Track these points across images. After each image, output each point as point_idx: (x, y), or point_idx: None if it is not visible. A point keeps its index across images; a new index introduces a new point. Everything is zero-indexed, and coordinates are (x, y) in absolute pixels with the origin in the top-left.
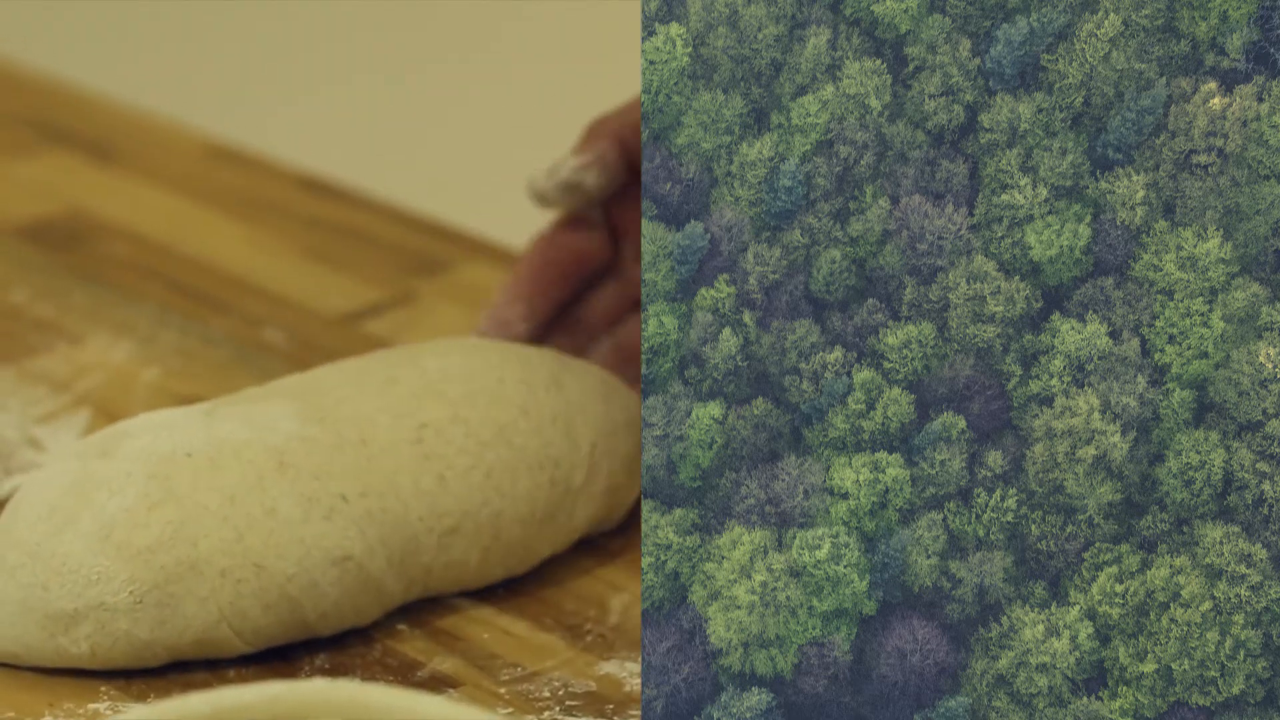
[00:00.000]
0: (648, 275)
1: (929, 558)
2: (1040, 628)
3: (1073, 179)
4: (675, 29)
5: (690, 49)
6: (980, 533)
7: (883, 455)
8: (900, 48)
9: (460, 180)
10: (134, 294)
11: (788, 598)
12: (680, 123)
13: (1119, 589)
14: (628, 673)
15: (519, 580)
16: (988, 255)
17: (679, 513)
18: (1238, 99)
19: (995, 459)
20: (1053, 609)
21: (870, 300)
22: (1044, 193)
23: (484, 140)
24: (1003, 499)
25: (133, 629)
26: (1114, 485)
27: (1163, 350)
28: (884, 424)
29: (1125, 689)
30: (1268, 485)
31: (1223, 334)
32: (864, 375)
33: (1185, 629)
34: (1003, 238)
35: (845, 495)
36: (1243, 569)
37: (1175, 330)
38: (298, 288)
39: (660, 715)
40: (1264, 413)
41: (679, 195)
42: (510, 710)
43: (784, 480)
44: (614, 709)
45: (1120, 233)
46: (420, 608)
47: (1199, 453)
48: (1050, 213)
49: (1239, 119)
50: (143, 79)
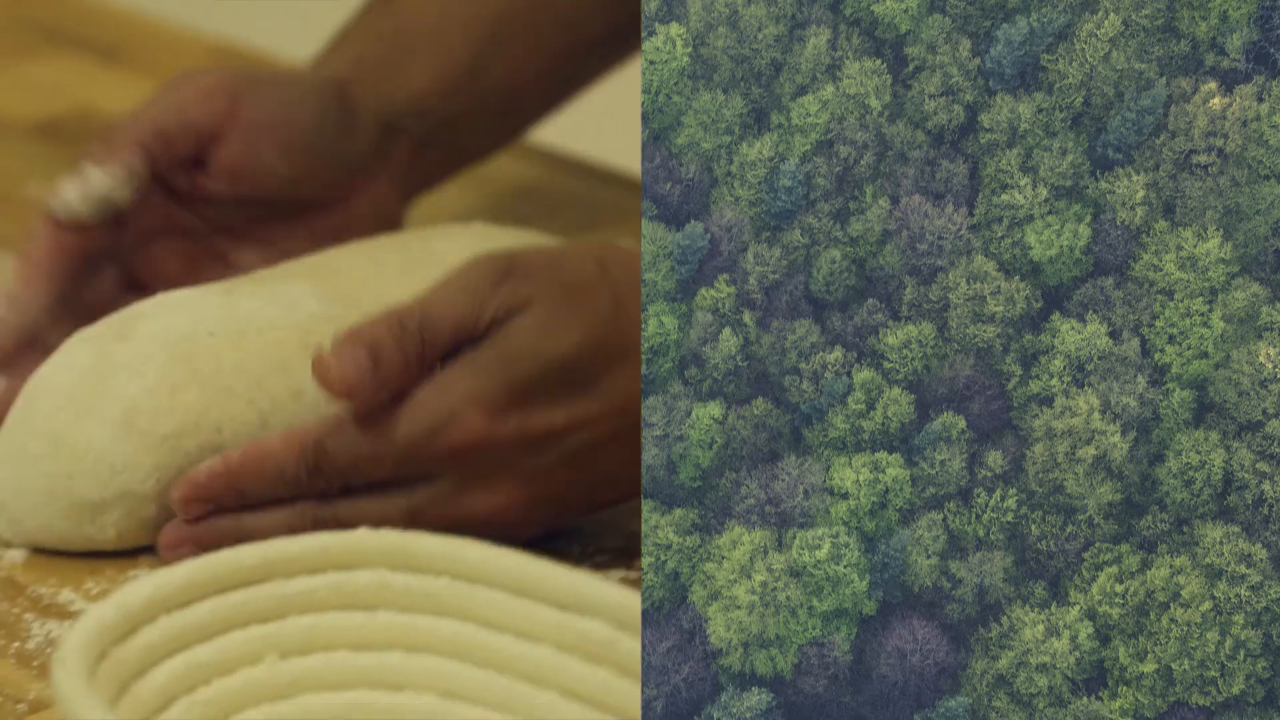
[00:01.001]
0: (648, 275)
1: (929, 558)
2: (1040, 628)
3: (1073, 179)
4: (675, 29)
5: (690, 49)
6: (980, 533)
7: (883, 455)
8: (900, 48)
9: (533, 133)
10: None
11: (788, 598)
12: (680, 123)
13: (1119, 589)
14: None
15: None
16: (988, 255)
17: (679, 513)
18: (1238, 99)
19: (995, 459)
20: (1053, 609)
21: (870, 300)
22: (1044, 193)
23: None
24: (1003, 499)
25: (160, 515)
26: (1114, 485)
27: (1163, 350)
28: (884, 424)
29: (1125, 689)
30: (1268, 485)
31: (1223, 334)
32: (864, 375)
33: (1185, 629)
34: (1003, 238)
35: (845, 495)
36: (1243, 569)
37: (1175, 330)
38: None
39: (660, 715)
40: (1264, 413)
41: (679, 195)
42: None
43: (784, 480)
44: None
45: (1120, 233)
46: None
47: (1199, 453)
48: (1050, 213)
49: (1239, 119)
50: None
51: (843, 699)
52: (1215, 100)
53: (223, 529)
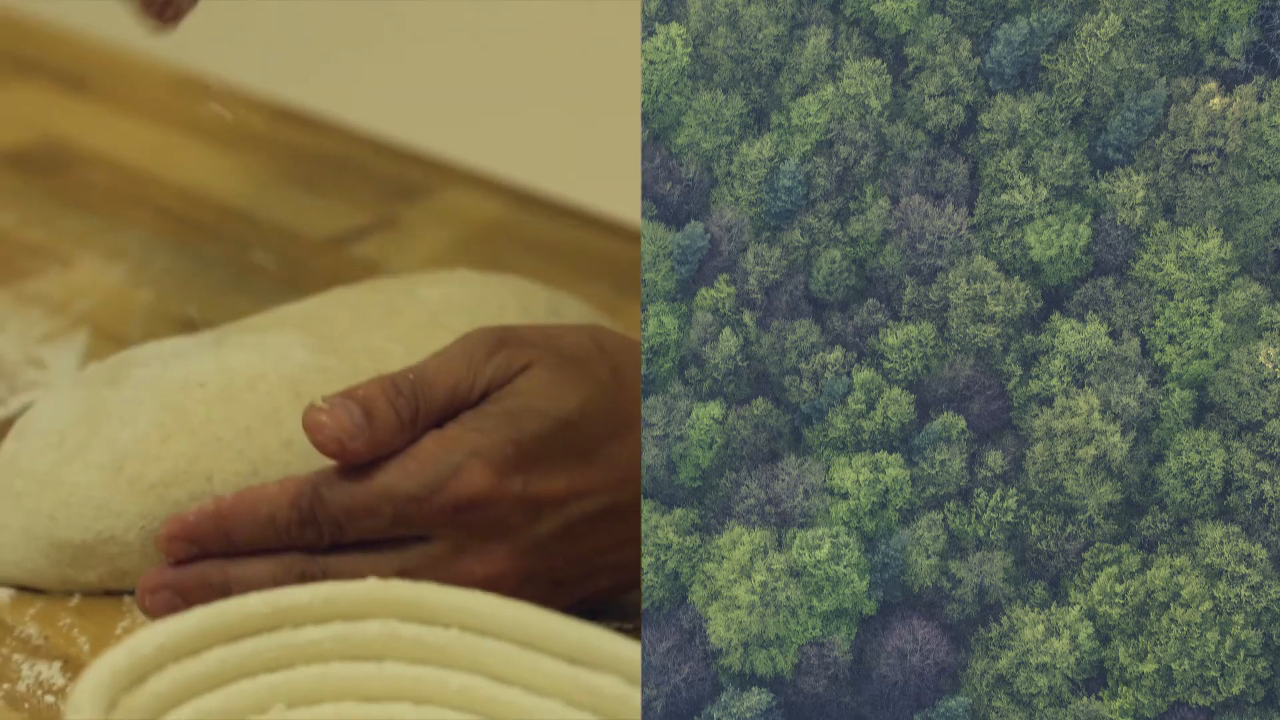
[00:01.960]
0: (648, 275)
1: (929, 558)
2: (1040, 628)
3: (1073, 179)
4: (675, 29)
5: (690, 49)
6: (980, 533)
7: (883, 455)
8: (900, 48)
9: (438, 107)
10: (122, 220)
11: (788, 598)
12: (680, 123)
13: (1119, 589)
14: None
15: None
16: (988, 255)
17: (679, 513)
18: (1238, 99)
19: (995, 459)
20: (1053, 609)
21: (870, 300)
22: (1044, 193)
23: (463, 67)
24: (1003, 499)
25: (142, 563)
26: (1114, 485)
27: (1163, 350)
28: (884, 424)
29: (1125, 689)
30: (1268, 485)
31: (1223, 334)
32: (864, 375)
33: (1185, 629)
34: (1003, 238)
35: (845, 495)
36: (1243, 569)
37: (1175, 330)
38: (283, 213)
39: (660, 715)
40: (1264, 413)
41: (679, 195)
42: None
43: (784, 480)
44: None
45: (1120, 233)
46: None
47: (1199, 453)
48: (1050, 213)
49: (1239, 119)
50: (111, 11)
51: (843, 699)
52: (1215, 100)
53: (205, 575)
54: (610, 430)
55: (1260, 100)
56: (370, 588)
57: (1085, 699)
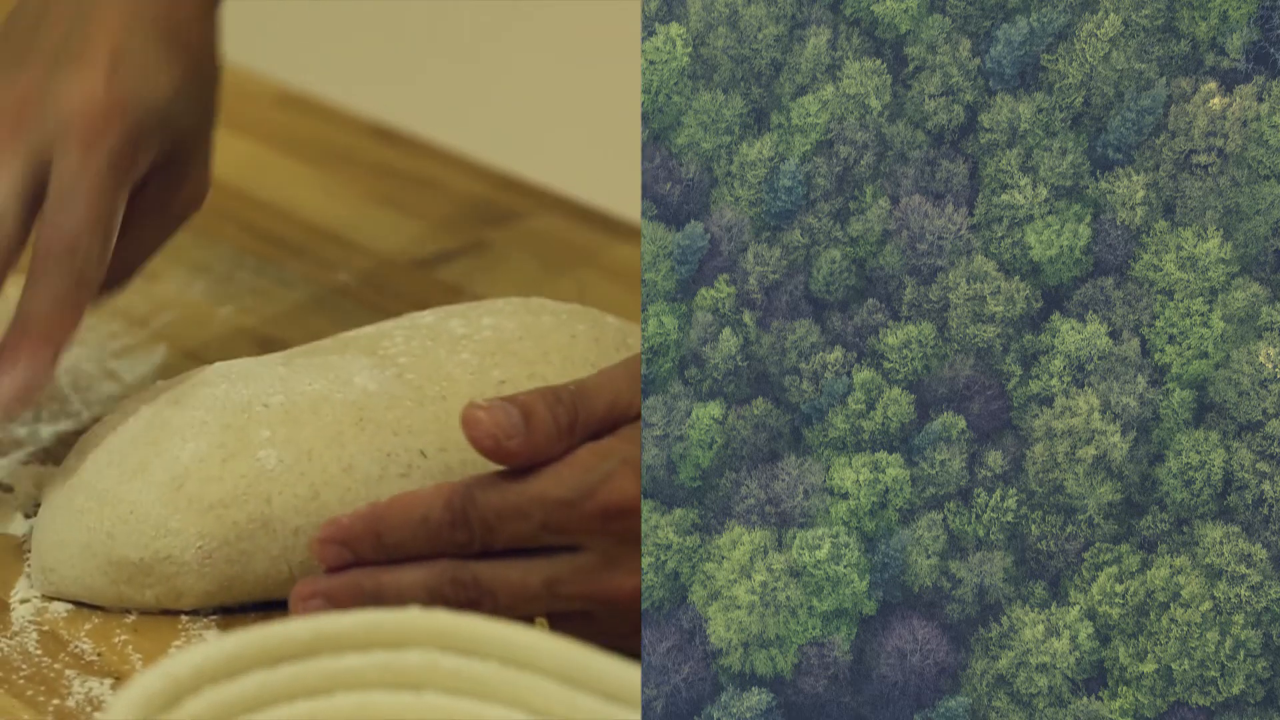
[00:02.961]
0: (648, 275)
1: (929, 558)
2: (1040, 628)
3: (1073, 179)
4: (675, 29)
5: (690, 49)
6: (980, 533)
7: (883, 455)
8: (900, 48)
9: (533, 132)
10: (209, 235)
11: (788, 598)
12: (680, 123)
13: (1119, 589)
14: None
15: None
16: (988, 255)
17: (679, 513)
18: (1238, 99)
19: (995, 459)
20: (1053, 609)
21: (870, 300)
22: (1044, 193)
23: (543, 85)
24: (1003, 499)
25: (198, 584)
26: (1114, 485)
27: (1163, 350)
28: (884, 424)
29: (1125, 689)
30: (1268, 485)
31: (1223, 334)
32: (864, 375)
33: (1185, 629)
34: (1003, 238)
35: (845, 495)
36: (1243, 569)
37: (1175, 330)
38: (371, 233)
39: (660, 715)
40: (1264, 413)
41: (679, 195)
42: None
43: (784, 480)
44: None
45: (1120, 233)
46: None
47: (1199, 453)
48: (1050, 213)
49: (1239, 119)
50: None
51: (843, 699)
52: (1215, 100)
53: (358, 582)
54: None
55: (1260, 100)
56: (413, 617)
57: (1085, 699)
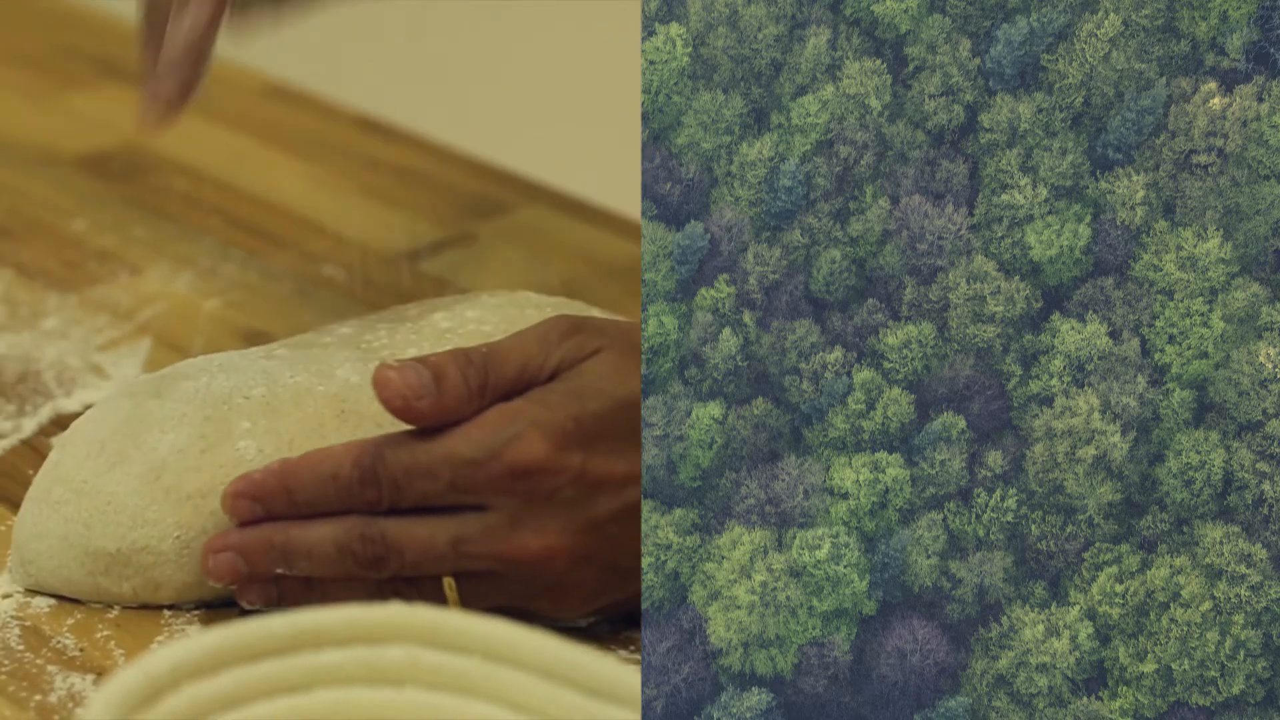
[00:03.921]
0: (648, 275)
1: (929, 558)
2: (1040, 628)
3: (1073, 179)
4: (675, 29)
5: (690, 49)
6: (980, 533)
7: (883, 455)
8: (900, 48)
9: (519, 124)
10: (194, 228)
11: (788, 598)
12: (680, 123)
13: (1119, 589)
14: None
15: None
16: (988, 255)
17: (679, 513)
18: (1238, 99)
19: (995, 459)
20: (1053, 609)
21: (870, 300)
22: (1044, 193)
23: (543, 85)
24: (1003, 499)
25: (176, 575)
26: (1114, 485)
27: (1163, 350)
28: (884, 424)
29: (1125, 689)
30: (1268, 485)
31: (1223, 334)
32: (864, 375)
33: (1185, 629)
34: (1003, 238)
35: (845, 495)
36: (1243, 569)
37: (1175, 330)
38: (357, 226)
39: (660, 715)
40: (1264, 413)
41: (679, 195)
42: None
43: (784, 480)
44: None
45: (1120, 233)
46: None
47: (1199, 453)
48: (1050, 213)
49: (1239, 119)
50: None
51: (843, 699)
52: (1215, 100)
53: (268, 536)
54: None
55: (1260, 100)
56: (394, 612)
57: (1085, 699)
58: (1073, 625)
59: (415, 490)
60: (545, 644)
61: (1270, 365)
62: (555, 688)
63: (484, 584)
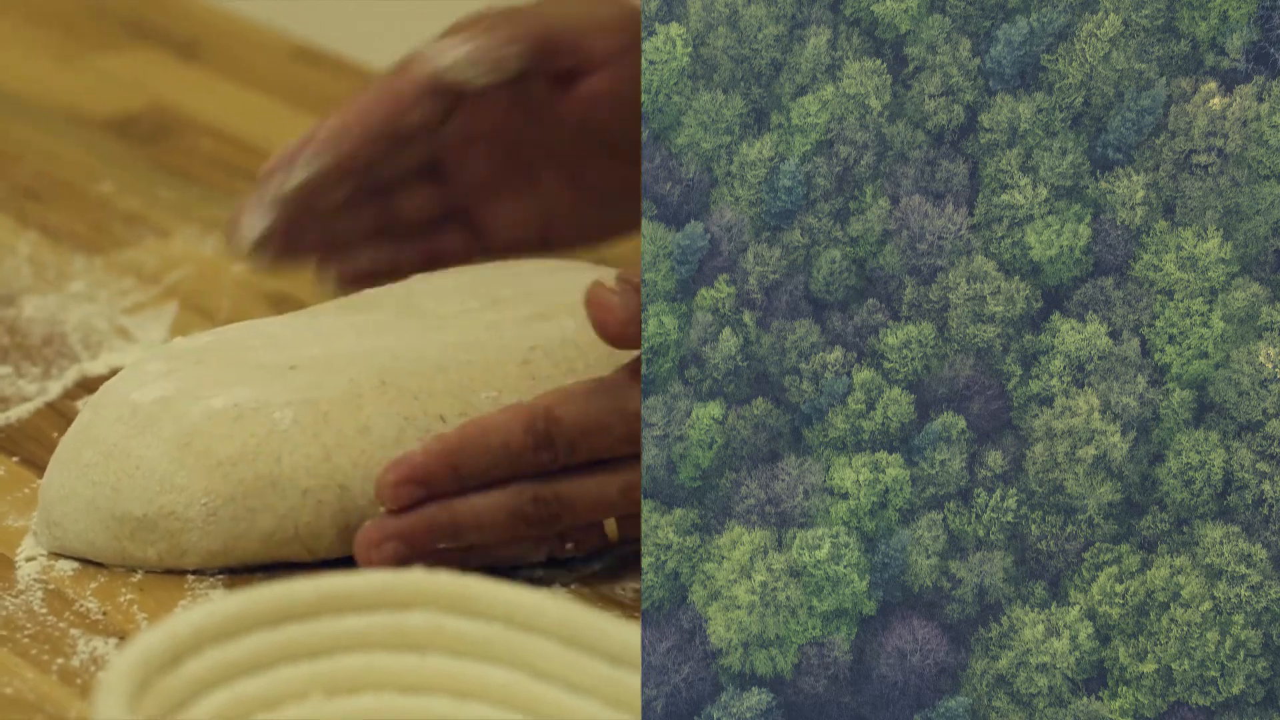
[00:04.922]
0: (648, 275)
1: (929, 558)
2: (1040, 628)
3: (1073, 179)
4: (675, 29)
5: (690, 49)
6: (980, 533)
7: (883, 455)
8: (900, 48)
9: None
10: (222, 191)
11: (788, 598)
12: (680, 123)
13: (1119, 589)
14: None
15: None
16: (988, 255)
17: (679, 513)
18: (1238, 99)
19: (995, 459)
20: (1053, 609)
21: (870, 300)
22: (1044, 193)
23: None
24: (1003, 499)
25: (202, 541)
26: (1114, 485)
27: (1163, 350)
28: (884, 424)
29: (1125, 689)
30: (1268, 485)
31: (1223, 334)
32: (864, 375)
33: (1185, 629)
34: (1003, 238)
35: (845, 495)
36: (1243, 569)
37: (1175, 330)
38: None
39: (660, 715)
40: (1264, 413)
41: (679, 195)
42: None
43: (784, 480)
44: None
45: (1120, 233)
46: None
47: (1199, 453)
48: (1050, 213)
49: (1239, 119)
50: None
51: (843, 699)
52: (1215, 100)
53: (433, 518)
54: None
55: (1260, 100)
56: (417, 578)
57: (1085, 699)
58: (1073, 625)
59: (590, 446)
60: (569, 611)
61: (1270, 365)
62: (578, 654)
63: (637, 522)
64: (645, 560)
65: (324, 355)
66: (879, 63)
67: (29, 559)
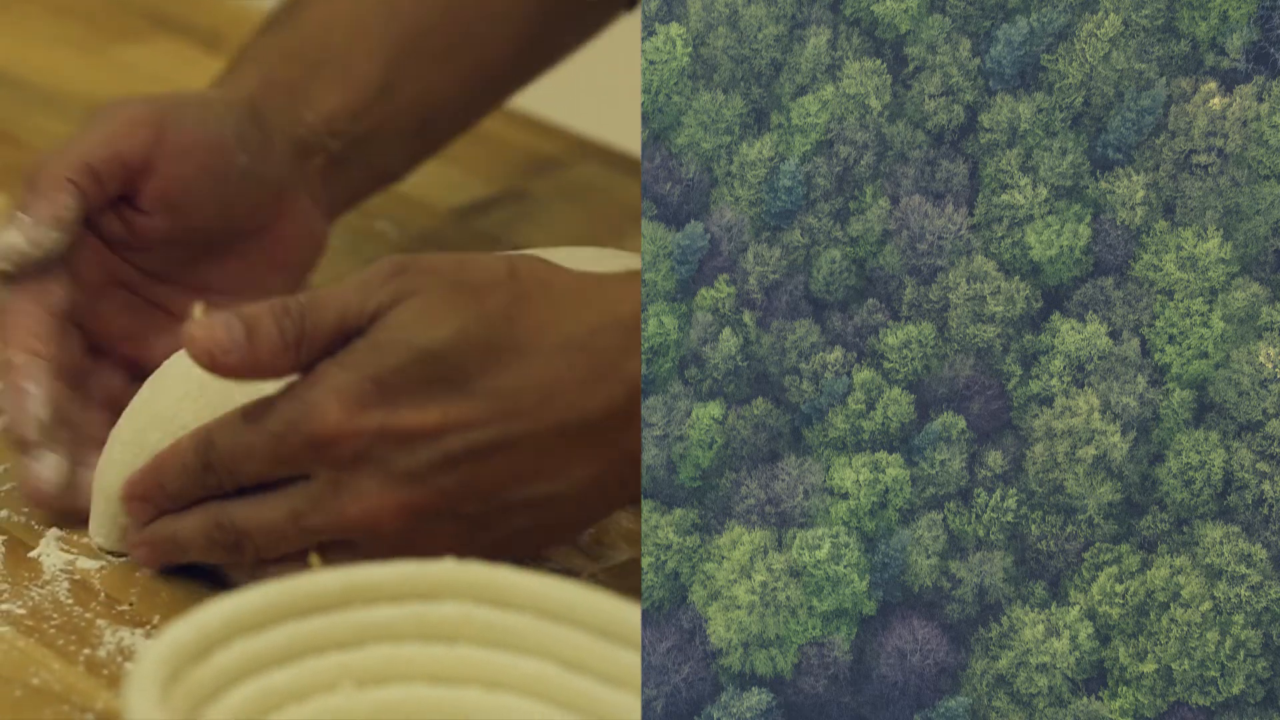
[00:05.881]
0: (648, 275)
1: (929, 558)
2: (1040, 628)
3: (1073, 179)
4: (675, 29)
5: (690, 49)
6: (980, 533)
7: (883, 455)
8: (900, 48)
9: (574, 82)
10: None
11: (788, 598)
12: (680, 123)
13: (1119, 589)
14: None
15: None
16: (988, 255)
17: (679, 513)
18: (1238, 99)
19: (995, 459)
20: (1053, 609)
21: (870, 300)
22: (1044, 193)
23: (556, 91)
24: (1003, 499)
25: None
26: (1114, 485)
27: (1163, 350)
28: (884, 424)
29: (1125, 689)
30: (1268, 485)
31: (1223, 334)
32: (864, 375)
33: (1185, 629)
34: (1003, 238)
35: (845, 495)
36: (1243, 569)
37: (1175, 330)
38: (409, 181)
39: (660, 715)
40: (1264, 413)
41: (679, 195)
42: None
43: (784, 480)
44: None
45: (1120, 233)
46: None
47: (1199, 453)
48: (1050, 213)
49: (1239, 119)
50: None
51: (843, 699)
52: (1215, 100)
53: (155, 533)
54: (490, 362)
55: (1260, 100)
56: (447, 568)
57: (1085, 699)
58: (1073, 625)
59: (245, 471)
60: (599, 601)
61: (1270, 365)
62: (608, 645)
63: (345, 553)
64: (645, 560)
65: None
66: (879, 63)
67: (62, 548)
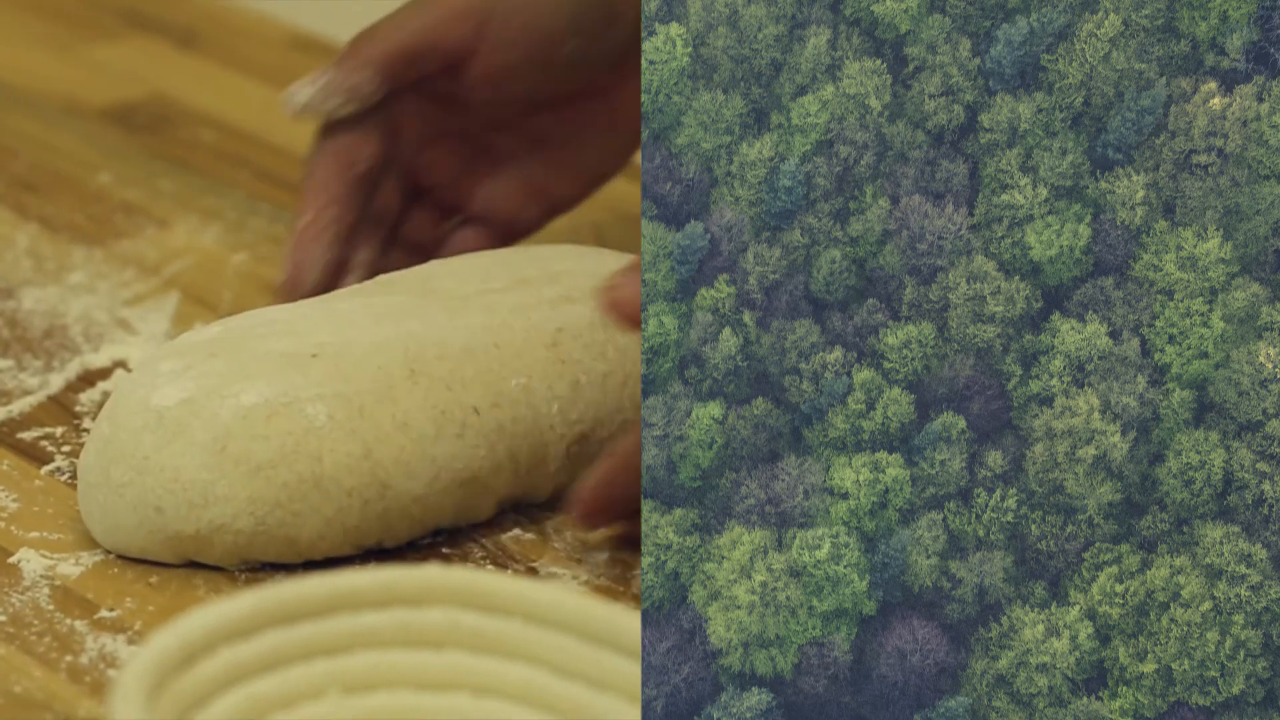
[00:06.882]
0: (648, 275)
1: (929, 558)
2: (1040, 628)
3: (1073, 179)
4: (675, 29)
5: (690, 49)
6: (980, 533)
7: (883, 455)
8: (900, 48)
9: None
10: (221, 180)
11: (788, 598)
12: (680, 123)
13: (1119, 589)
14: None
15: None
16: (988, 255)
17: (679, 513)
18: (1238, 99)
19: (995, 459)
20: (1053, 609)
21: (870, 300)
22: (1044, 193)
23: None
24: (1003, 499)
25: (269, 545)
26: (1114, 485)
27: (1163, 350)
28: (884, 424)
29: (1125, 689)
30: (1268, 485)
31: (1223, 334)
32: (864, 375)
33: (1185, 629)
34: (1003, 238)
35: (845, 495)
36: (1243, 569)
37: (1175, 330)
38: None
39: (660, 715)
40: (1264, 413)
41: (679, 195)
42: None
43: (784, 480)
44: None
45: (1120, 233)
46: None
47: (1199, 453)
48: (1050, 213)
49: (1239, 119)
50: None
51: (843, 699)
52: (1215, 100)
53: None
54: None
55: (1260, 100)
56: (431, 574)
57: (1085, 699)
58: (1073, 625)
59: None
60: (587, 606)
61: (1270, 365)
62: (597, 650)
63: None
64: (645, 560)
65: (343, 342)
66: (879, 63)
67: (43, 554)
